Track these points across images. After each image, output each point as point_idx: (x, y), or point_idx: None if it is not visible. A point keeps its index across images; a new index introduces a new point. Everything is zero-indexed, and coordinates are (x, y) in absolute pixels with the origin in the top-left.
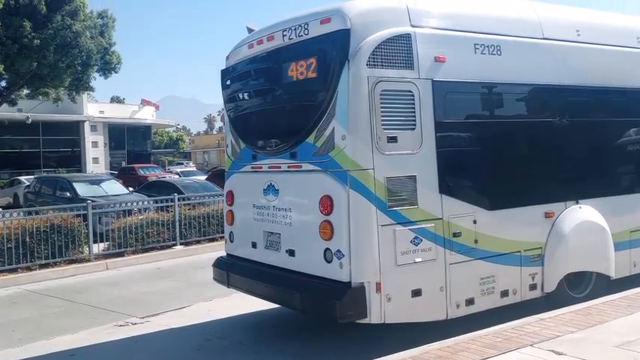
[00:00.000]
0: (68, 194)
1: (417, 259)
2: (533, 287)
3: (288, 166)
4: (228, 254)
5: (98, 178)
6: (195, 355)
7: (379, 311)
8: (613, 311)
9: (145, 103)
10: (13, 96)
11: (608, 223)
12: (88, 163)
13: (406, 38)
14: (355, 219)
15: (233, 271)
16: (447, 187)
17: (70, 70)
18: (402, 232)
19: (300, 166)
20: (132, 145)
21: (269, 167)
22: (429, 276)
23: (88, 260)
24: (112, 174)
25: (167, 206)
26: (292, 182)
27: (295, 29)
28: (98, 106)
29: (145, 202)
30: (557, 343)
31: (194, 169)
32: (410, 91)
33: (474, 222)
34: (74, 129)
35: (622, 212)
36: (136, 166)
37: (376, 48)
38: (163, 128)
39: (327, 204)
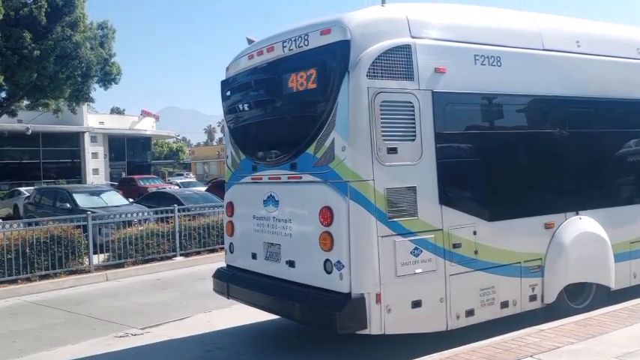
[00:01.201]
0: (68, 205)
1: (417, 270)
2: (533, 298)
3: (288, 177)
4: (228, 265)
5: (98, 189)
6: None
7: (379, 322)
8: (613, 322)
9: (144, 114)
10: (13, 107)
11: (608, 234)
12: (88, 174)
13: (406, 49)
14: (355, 230)
15: (233, 282)
16: (446, 198)
17: (70, 81)
18: (402, 243)
19: (300, 177)
20: (132, 156)
21: (269, 178)
22: (429, 287)
23: (88, 271)
24: (112, 185)
25: (167, 217)
26: (292, 193)
27: (295, 40)
28: (98, 117)
29: (145, 213)
30: (557, 354)
31: (194, 180)
32: (410, 102)
33: (474, 233)
34: (74, 140)
35: (622, 223)
36: (136, 177)
37: (376, 59)
38: (163, 139)
39: (327, 215)
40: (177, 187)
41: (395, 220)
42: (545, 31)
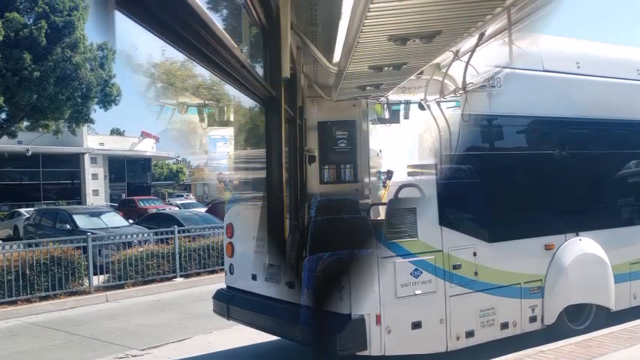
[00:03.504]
0: (68, 226)
1: (417, 292)
2: (533, 319)
3: None
4: (228, 286)
5: (98, 211)
6: None
7: (379, 343)
8: (613, 343)
9: (144, 135)
10: (13, 128)
11: (608, 255)
12: (88, 195)
13: None
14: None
15: (233, 304)
16: (447, 220)
17: (70, 102)
18: (402, 265)
19: None
20: (132, 177)
21: None
22: (429, 308)
23: (88, 292)
24: (112, 206)
25: (167, 238)
26: None
27: None
28: (98, 138)
29: (145, 235)
30: None
31: (194, 201)
32: None
33: (474, 254)
34: (74, 161)
35: (622, 244)
36: (136, 198)
37: None
38: (163, 160)
39: None
40: (177, 208)
41: (395, 241)
42: (545, 52)
